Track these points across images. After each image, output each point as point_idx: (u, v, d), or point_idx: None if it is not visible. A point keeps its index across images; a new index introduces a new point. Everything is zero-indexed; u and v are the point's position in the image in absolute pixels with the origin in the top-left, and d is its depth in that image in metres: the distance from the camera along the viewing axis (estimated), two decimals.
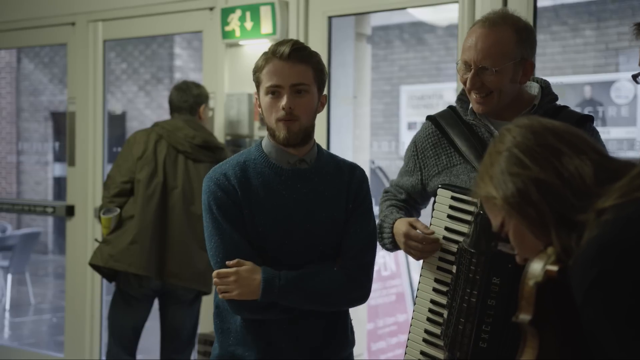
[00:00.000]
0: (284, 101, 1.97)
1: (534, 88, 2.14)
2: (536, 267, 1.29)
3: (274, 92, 1.98)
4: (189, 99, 3.61)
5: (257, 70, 2.02)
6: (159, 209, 3.42)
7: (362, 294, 2.08)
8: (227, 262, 1.96)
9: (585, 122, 2.09)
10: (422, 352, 2.08)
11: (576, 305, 1.22)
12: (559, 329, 1.30)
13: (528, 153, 1.31)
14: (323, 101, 2.08)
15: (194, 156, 3.49)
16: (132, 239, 3.37)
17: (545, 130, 1.33)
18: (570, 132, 1.34)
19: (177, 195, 3.44)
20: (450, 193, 2.05)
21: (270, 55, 1.99)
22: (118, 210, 3.44)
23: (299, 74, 1.98)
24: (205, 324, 3.94)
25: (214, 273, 1.98)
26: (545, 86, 2.13)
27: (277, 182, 2.02)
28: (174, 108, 3.64)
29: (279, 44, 2.00)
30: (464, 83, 2.05)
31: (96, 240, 3.80)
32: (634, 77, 1.82)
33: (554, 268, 1.26)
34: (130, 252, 3.36)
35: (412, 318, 2.13)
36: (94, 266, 3.49)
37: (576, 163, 1.28)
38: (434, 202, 2.10)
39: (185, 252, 3.42)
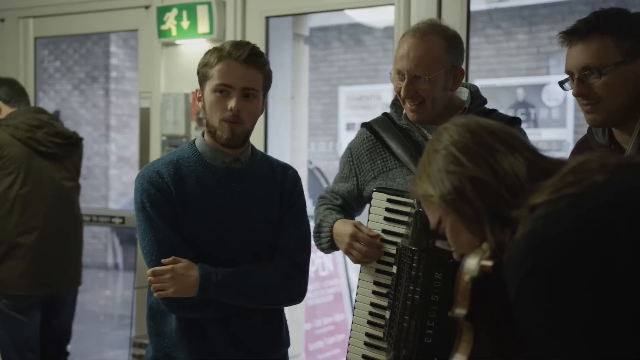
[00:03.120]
0: (232, 103, 1.96)
1: (463, 93, 2.19)
2: (471, 263, 1.30)
3: (223, 91, 1.97)
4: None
5: (206, 65, 2.00)
6: (35, 221, 3.23)
7: (298, 292, 2.08)
8: (162, 260, 1.93)
9: (514, 124, 2.13)
10: (363, 356, 2.08)
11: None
12: (494, 324, 1.32)
13: (464, 151, 1.33)
14: (264, 106, 2.09)
15: (57, 155, 3.30)
16: (25, 264, 3.20)
17: (481, 129, 1.36)
18: (505, 131, 1.36)
19: (48, 200, 3.27)
20: (385, 196, 2.06)
21: (225, 55, 1.97)
22: None
23: (252, 79, 1.98)
24: (141, 327, 3.88)
25: (149, 271, 1.95)
26: (474, 90, 2.19)
27: (211, 180, 2.01)
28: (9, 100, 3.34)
29: (237, 46, 1.98)
30: (398, 92, 2.08)
31: None
32: (561, 83, 1.88)
33: (489, 263, 1.28)
34: (24, 276, 3.19)
35: (353, 322, 2.13)
36: None
37: (510, 161, 1.30)
38: (370, 205, 2.11)
39: (67, 257, 3.35)
